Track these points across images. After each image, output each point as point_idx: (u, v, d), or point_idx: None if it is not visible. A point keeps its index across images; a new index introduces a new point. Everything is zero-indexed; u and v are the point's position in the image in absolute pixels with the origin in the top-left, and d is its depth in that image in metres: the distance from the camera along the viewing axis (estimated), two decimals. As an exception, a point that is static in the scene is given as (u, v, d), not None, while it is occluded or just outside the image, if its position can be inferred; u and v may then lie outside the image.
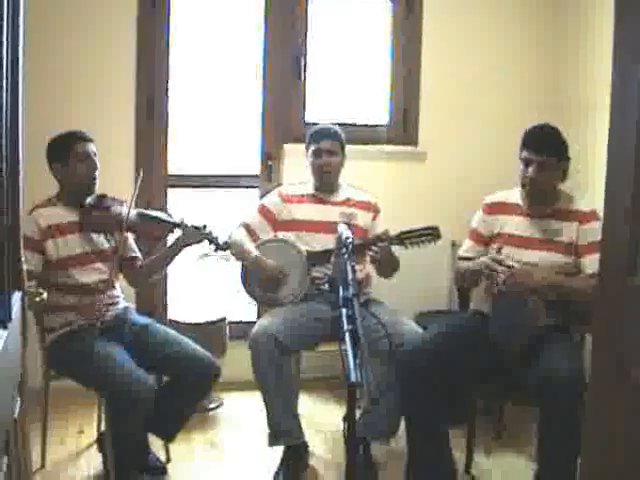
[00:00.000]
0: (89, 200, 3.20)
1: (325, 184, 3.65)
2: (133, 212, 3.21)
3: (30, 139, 2.25)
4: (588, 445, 2.07)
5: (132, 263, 3.39)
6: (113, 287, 3.30)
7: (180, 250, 3.32)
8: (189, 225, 3.29)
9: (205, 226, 3.29)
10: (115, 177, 3.25)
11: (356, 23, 4.45)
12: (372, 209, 3.67)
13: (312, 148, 3.61)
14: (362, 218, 3.60)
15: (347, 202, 3.64)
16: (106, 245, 3.26)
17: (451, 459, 3.12)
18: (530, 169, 3.10)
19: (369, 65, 4.50)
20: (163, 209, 3.37)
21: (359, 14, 4.44)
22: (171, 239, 3.37)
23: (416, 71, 4.38)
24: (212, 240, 3.31)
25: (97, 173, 3.19)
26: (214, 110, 4.38)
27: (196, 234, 3.29)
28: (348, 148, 3.67)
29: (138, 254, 3.42)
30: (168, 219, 3.33)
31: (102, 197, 3.23)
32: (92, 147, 3.19)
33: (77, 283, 3.13)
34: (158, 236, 3.38)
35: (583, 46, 4.21)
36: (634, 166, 1.77)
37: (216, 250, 3.34)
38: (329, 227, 3.32)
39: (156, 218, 3.31)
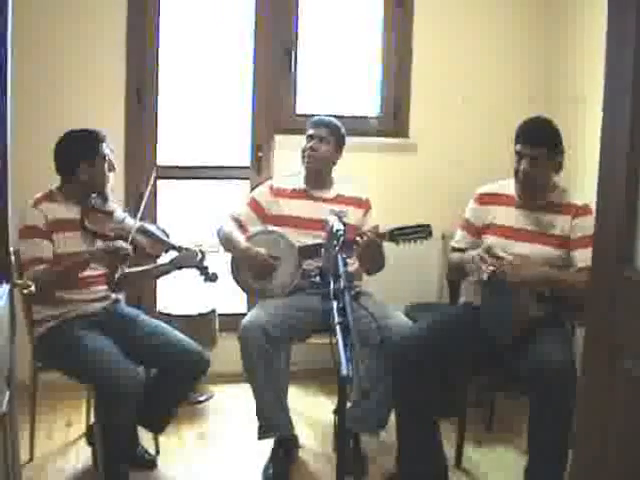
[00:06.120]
0: (92, 200, 3.16)
1: (310, 173, 3.63)
2: (136, 224, 3.18)
3: (18, 130, 2.23)
4: (581, 435, 2.08)
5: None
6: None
7: (170, 272, 3.28)
8: (185, 249, 3.23)
9: (201, 252, 3.23)
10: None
11: (347, 14, 4.43)
12: (363, 205, 3.64)
13: (306, 133, 3.62)
14: (353, 215, 3.55)
15: (338, 199, 3.62)
16: (101, 245, 3.21)
17: (442, 452, 3.12)
18: (523, 162, 3.07)
19: (360, 56, 4.48)
20: (162, 228, 3.32)
21: (350, 5, 4.42)
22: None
23: (407, 62, 4.37)
24: (202, 269, 3.25)
25: None
26: (204, 101, 4.35)
27: (189, 260, 3.23)
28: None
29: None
30: (166, 240, 3.27)
31: (105, 199, 3.20)
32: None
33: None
34: (152, 254, 3.29)
35: (575, 37, 4.20)
36: (627, 157, 1.78)
37: (205, 280, 3.26)
38: (319, 224, 3.30)
39: (155, 236, 3.25)
